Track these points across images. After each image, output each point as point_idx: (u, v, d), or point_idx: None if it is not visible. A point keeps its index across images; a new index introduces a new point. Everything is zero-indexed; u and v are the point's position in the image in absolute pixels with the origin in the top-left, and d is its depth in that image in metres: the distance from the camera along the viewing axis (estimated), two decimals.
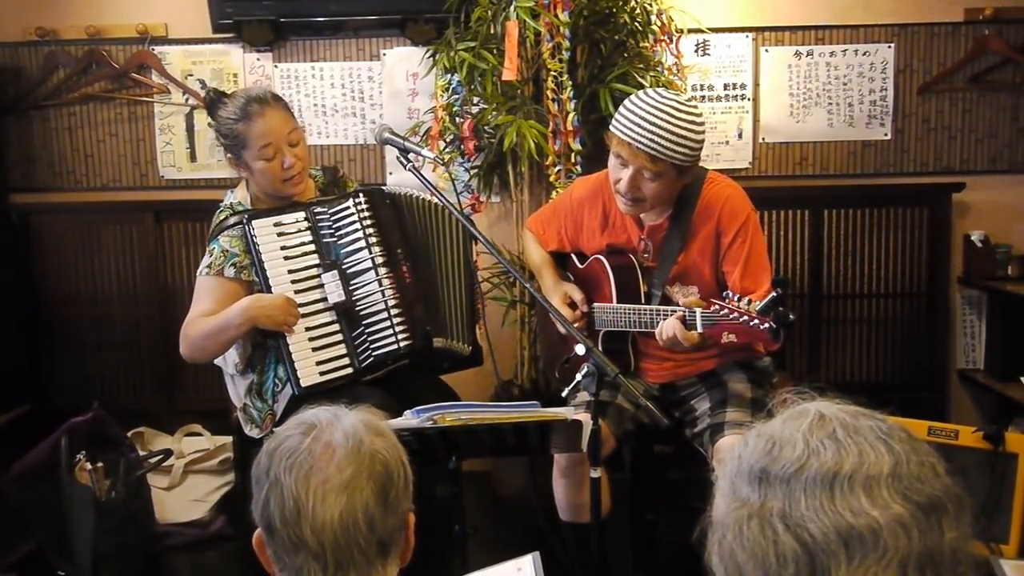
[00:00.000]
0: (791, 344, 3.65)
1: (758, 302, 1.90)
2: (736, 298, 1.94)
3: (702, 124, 2.15)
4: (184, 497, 3.14)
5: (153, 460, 2.98)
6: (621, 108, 2.17)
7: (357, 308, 2.31)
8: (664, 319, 2.11)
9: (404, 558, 1.16)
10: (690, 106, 2.13)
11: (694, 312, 2.02)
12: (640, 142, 2.09)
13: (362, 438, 1.11)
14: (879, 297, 3.66)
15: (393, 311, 2.29)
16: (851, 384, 3.63)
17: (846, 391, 0.90)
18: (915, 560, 0.76)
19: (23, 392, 3.55)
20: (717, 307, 1.97)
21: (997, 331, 3.58)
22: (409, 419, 1.80)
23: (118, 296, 3.72)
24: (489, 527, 2.99)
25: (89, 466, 2.69)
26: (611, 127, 2.17)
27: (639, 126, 2.09)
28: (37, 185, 3.71)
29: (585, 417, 1.90)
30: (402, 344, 2.29)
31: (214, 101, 2.38)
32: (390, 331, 2.29)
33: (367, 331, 2.30)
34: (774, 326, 1.85)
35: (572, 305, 2.40)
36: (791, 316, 1.86)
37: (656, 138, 2.08)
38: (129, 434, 3.08)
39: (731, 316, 1.93)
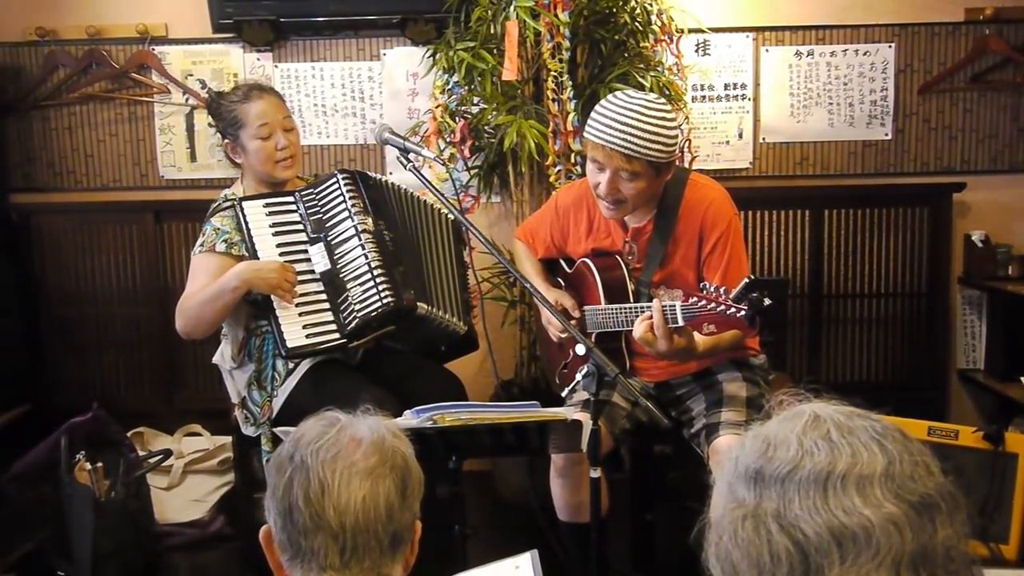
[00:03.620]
0: (790, 344, 3.65)
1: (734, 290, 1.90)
2: (712, 288, 1.93)
3: (673, 120, 2.15)
4: (184, 497, 3.13)
5: (153, 460, 2.98)
6: (592, 113, 2.17)
7: (342, 275, 2.35)
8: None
9: (407, 565, 1.17)
10: (659, 103, 2.14)
11: (674, 305, 2.01)
12: (613, 143, 2.09)
13: (384, 435, 1.16)
14: (879, 297, 3.65)
15: (376, 271, 2.31)
16: (851, 384, 3.64)
17: (846, 391, 0.90)
18: (908, 559, 0.76)
19: (23, 392, 3.55)
20: (695, 299, 1.96)
21: (997, 331, 3.58)
22: (409, 419, 1.81)
23: (118, 296, 3.72)
24: (489, 527, 2.99)
25: (89, 466, 2.69)
26: (584, 133, 2.18)
27: (610, 127, 2.10)
28: (37, 185, 3.72)
29: (584, 417, 1.90)
30: (384, 301, 2.29)
31: (215, 100, 2.50)
32: (373, 290, 2.30)
33: (351, 295, 2.33)
34: (749, 312, 1.84)
35: (564, 313, 2.40)
36: (766, 301, 1.84)
37: (629, 137, 2.08)
38: (129, 434, 3.07)
39: (709, 306, 1.92)
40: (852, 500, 0.77)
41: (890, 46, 3.58)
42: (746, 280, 1.85)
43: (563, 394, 2.24)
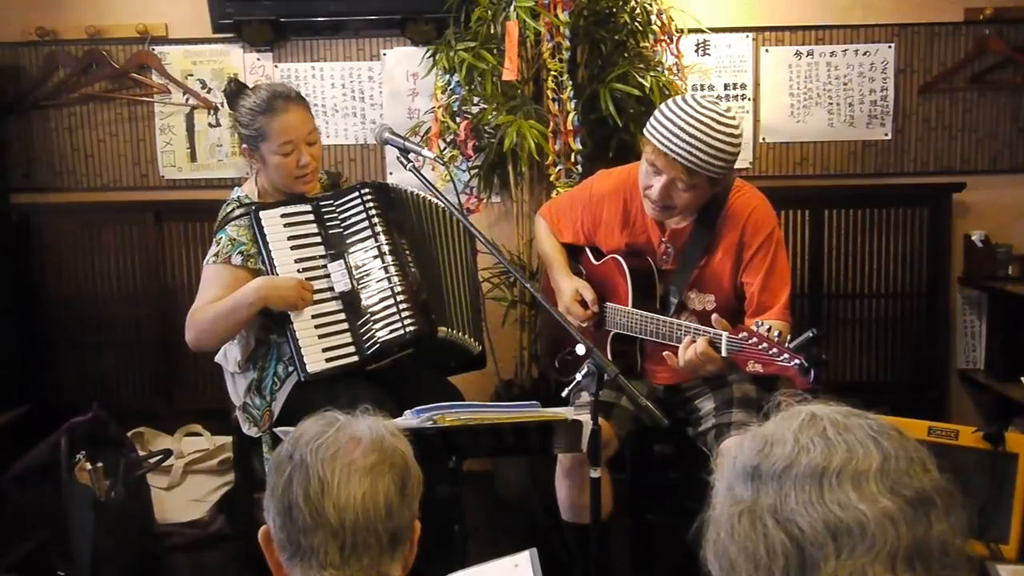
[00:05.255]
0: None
1: (788, 336, 1.86)
2: (766, 328, 1.90)
3: (740, 135, 2.11)
4: (184, 497, 3.14)
5: (153, 460, 2.98)
6: (658, 115, 2.11)
7: (363, 297, 2.32)
8: (686, 334, 2.06)
9: (407, 565, 1.17)
10: (728, 117, 2.09)
11: (720, 335, 1.98)
12: (678, 154, 2.05)
13: (383, 434, 1.16)
14: (879, 297, 3.65)
15: (399, 297, 2.29)
16: (851, 384, 3.63)
17: (846, 391, 0.91)
18: (903, 553, 0.77)
19: (23, 392, 3.54)
20: (745, 334, 1.92)
21: (997, 331, 3.58)
22: (409, 419, 1.81)
23: (118, 296, 3.72)
24: (489, 527, 2.99)
25: (89, 466, 2.69)
26: (646, 133, 2.12)
27: (678, 137, 2.04)
28: (37, 185, 3.71)
29: (586, 417, 1.90)
30: (408, 329, 2.27)
31: (235, 92, 2.41)
32: (396, 317, 2.28)
33: (372, 318, 2.30)
34: (805, 364, 1.82)
35: (583, 303, 2.37)
36: (824, 357, 1.83)
37: (695, 151, 2.04)
38: (129, 434, 3.08)
39: (760, 346, 1.89)
40: (847, 495, 0.78)
41: (890, 46, 3.58)
42: (809, 334, 1.83)
43: (564, 393, 2.24)
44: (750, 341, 1.91)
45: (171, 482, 3.15)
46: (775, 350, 1.86)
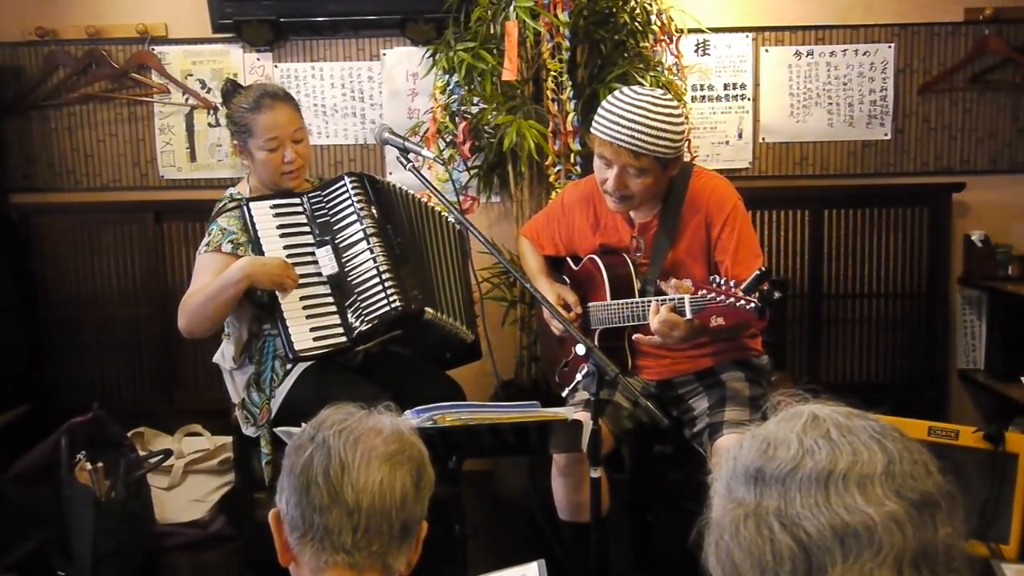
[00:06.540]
0: (790, 344, 3.65)
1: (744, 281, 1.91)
2: (722, 282, 1.96)
3: (680, 116, 2.18)
4: (184, 497, 3.14)
5: (153, 460, 2.98)
6: (600, 109, 2.20)
7: (350, 278, 2.34)
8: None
9: (410, 563, 1.17)
10: (666, 99, 2.16)
11: (683, 300, 2.04)
12: (621, 140, 2.12)
13: (403, 429, 1.20)
14: (879, 297, 3.65)
15: (384, 275, 2.31)
16: (851, 384, 3.64)
17: (846, 391, 0.90)
18: (910, 556, 0.76)
19: (23, 392, 3.55)
20: (704, 292, 1.99)
21: (997, 331, 3.58)
22: (409, 419, 1.80)
23: (118, 296, 3.72)
24: (489, 527, 2.99)
25: (89, 466, 2.69)
26: (592, 129, 2.21)
27: (618, 124, 2.12)
28: (37, 185, 3.72)
29: (585, 417, 1.90)
30: (393, 305, 2.28)
31: (230, 92, 2.48)
32: (381, 294, 2.30)
33: (359, 299, 2.32)
34: (758, 304, 1.87)
35: (566, 307, 2.41)
36: (776, 293, 1.87)
37: (636, 134, 2.11)
38: (129, 434, 3.07)
39: (717, 299, 1.95)
40: (854, 498, 0.78)
41: (890, 46, 3.58)
42: (757, 272, 1.88)
43: (564, 394, 2.24)
44: (709, 296, 1.97)
45: (171, 482, 3.15)
46: (731, 299, 1.91)
